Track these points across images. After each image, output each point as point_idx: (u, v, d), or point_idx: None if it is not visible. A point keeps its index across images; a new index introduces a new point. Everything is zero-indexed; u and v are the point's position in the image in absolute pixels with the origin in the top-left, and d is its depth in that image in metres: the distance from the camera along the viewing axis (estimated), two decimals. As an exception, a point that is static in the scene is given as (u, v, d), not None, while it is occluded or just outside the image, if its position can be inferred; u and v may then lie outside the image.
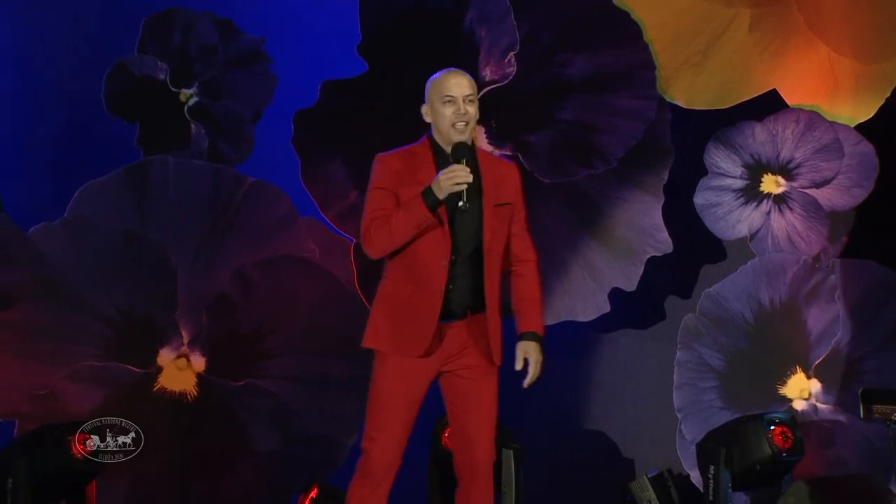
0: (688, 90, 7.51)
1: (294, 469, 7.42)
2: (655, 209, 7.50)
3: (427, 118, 5.07)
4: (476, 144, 5.12)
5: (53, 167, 7.55)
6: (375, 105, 7.50)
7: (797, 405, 7.43)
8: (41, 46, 7.55)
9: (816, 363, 7.42)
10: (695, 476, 7.25)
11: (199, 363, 7.50)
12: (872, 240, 7.45)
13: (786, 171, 7.52)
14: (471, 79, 5.08)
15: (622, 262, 7.54)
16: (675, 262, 7.55)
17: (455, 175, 4.83)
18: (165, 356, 7.48)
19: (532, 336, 5.08)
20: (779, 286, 7.45)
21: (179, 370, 7.48)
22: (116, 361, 7.41)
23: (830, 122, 7.43)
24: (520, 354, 5.07)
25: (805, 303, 7.43)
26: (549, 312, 7.28)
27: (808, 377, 7.44)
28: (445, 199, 4.88)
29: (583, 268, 7.54)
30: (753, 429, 6.82)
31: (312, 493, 7.07)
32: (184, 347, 7.48)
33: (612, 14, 7.47)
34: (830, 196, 7.48)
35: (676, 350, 7.51)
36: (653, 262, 7.51)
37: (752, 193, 7.55)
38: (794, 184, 7.52)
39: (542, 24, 7.52)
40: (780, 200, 7.53)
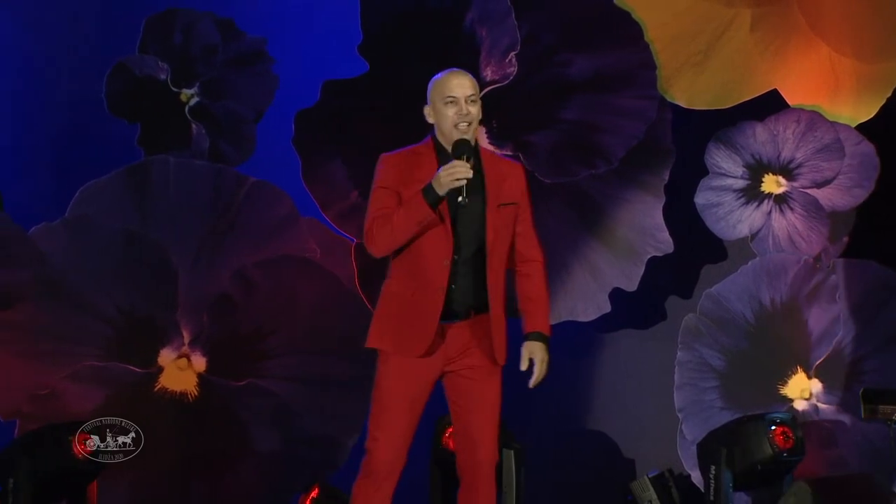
0: (689, 90, 7.50)
1: (295, 469, 7.41)
2: (656, 209, 7.50)
3: (430, 119, 5.07)
4: (479, 144, 5.12)
5: (54, 167, 7.55)
6: (376, 105, 7.50)
7: (798, 405, 7.43)
8: (42, 47, 7.55)
9: (817, 363, 7.41)
10: (696, 476, 7.25)
11: (200, 363, 7.49)
12: (873, 240, 7.45)
13: (787, 171, 7.51)
14: (472, 79, 5.07)
15: (623, 262, 7.53)
16: (676, 262, 7.54)
17: (455, 171, 4.83)
18: (166, 356, 7.48)
19: (537, 336, 5.08)
20: (780, 286, 7.45)
21: (180, 370, 7.48)
22: (117, 361, 7.41)
23: (831, 122, 7.43)
24: (525, 354, 5.06)
25: (806, 303, 7.42)
26: (550, 312, 7.24)
27: (809, 377, 7.43)
28: (447, 196, 4.87)
29: (584, 268, 7.54)
30: (754, 429, 6.82)
31: (313, 494, 7.06)
32: (185, 347, 7.48)
33: (613, 14, 7.47)
34: (831, 196, 7.48)
35: (677, 350, 7.50)
36: (654, 262, 7.50)
37: (753, 193, 7.54)
38: (795, 184, 7.51)
39: (543, 24, 7.51)
40: (781, 200, 7.53)
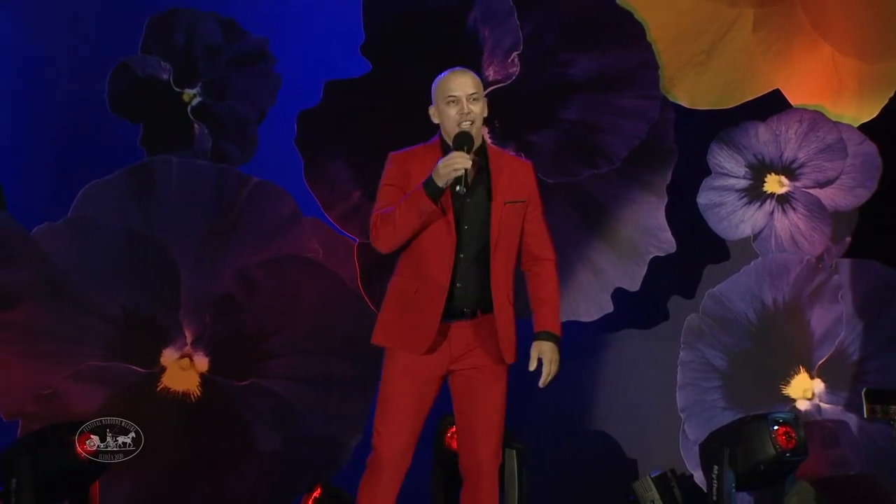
0: (691, 90, 7.50)
1: (298, 469, 7.41)
2: (659, 209, 7.50)
3: (435, 119, 5.08)
4: (487, 142, 5.12)
5: (57, 167, 7.55)
6: (379, 105, 7.50)
7: (801, 405, 7.43)
8: (44, 47, 7.55)
9: (820, 363, 7.41)
10: (698, 476, 7.24)
11: (203, 363, 7.49)
12: (876, 240, 7.44)
13: (789, 171, 7.51)
14: (475, 77, 5.08)
15: (626, 262, 7.53)
16: (679, 262, 7.54)
17: (453, 161, 4.84)
18: (169, 356, 7.48)
19: (546, 336, 5.08)
20: (782, 286, 7.45)
21: (183, 370, 7.48)
22: (120, 361, 7.41)
23: (834, 122, 7.42)
24: (534, 354, 5.06)
25: (808, 303, 7.42)
26: (554, 312, 7.26)
27: (812, 377, 7.43)
28: (451, 192, 4.88)
29: (586, 268, 7.53)
30: (757, 429, 6.82)
31: (316, 493, 7.06)
32: (187, 347, 7.48)
33: (616, 14, 7.47)
34: (834, 196, 7.48)
35: (680, 350, 7.50)
36: (656, 262, 7.50)
37: (756, 193, 7.54)
38: (798, 184, 7.51)
39: (546, 24, 7.51)
40: (784, 200, 7.52)
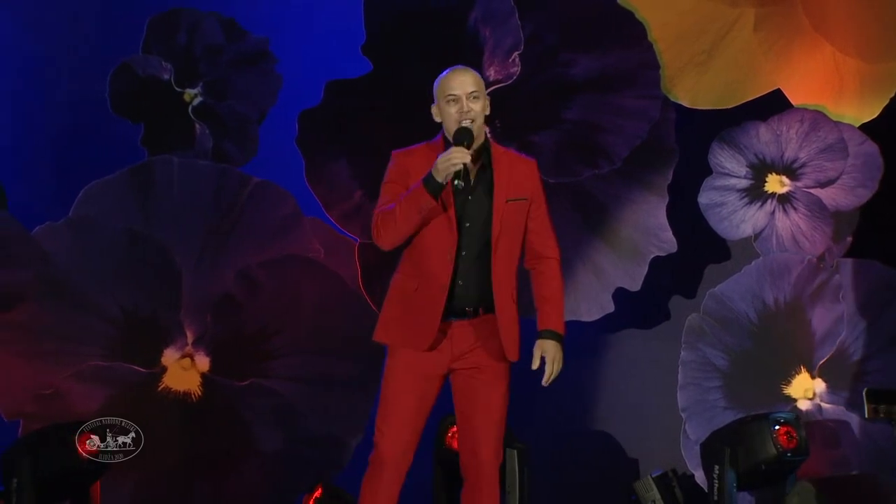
0: (692, 90, 7.50)
1: (299, 469, 7.41)
2: (660, 209, 7.50)
3: (437, 118, 5.08)
4: (491, 140, 5.11)
5: (58, 167, 7.55)
6: (379, 105, 7.50)
7: (802, 405, 7.43)
8: (46, 47, 7.55)
9: (821, 363, 7.41)
10: (699, 476, 7.24)
11: (204, 363, 7.49)
12: (877, 239, 7.45)
13: (790, 171, 7.51)
14: (475, 75, 5.07)
15: (626, 262, 7.53)
16: (680, 262, 7.54)
17: (452, 156, 4.84)
18: (170, 356, 7.48)
19: (549, 334, 5.06)
20: (783, 286, 7.45)
21: (184, 370, 7.48)
22: (121, 361, 7.41)
23: (835, 122, 7.42)
24: (536, 353, 5.05)
25: (809, 302, 7.42)
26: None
27: (813, 377, 7.43)
28: (453, 189, 4.88)
29: (587, 268, 7.53)
30: (758, 428, 6.81)
31: (317, 494, 7.06)
32: (188, 347, 7.48)
33: (617, 14, 7.46)
34: (835, 196, 7.48)
35: (681, 350, 7.50)
36: (657, 262, 7.50)
37: (757, 193, 7.54)
38: (799, 183, 7.51)
39: (547, 24, 7.51)
40: (785, 200, 7.52)
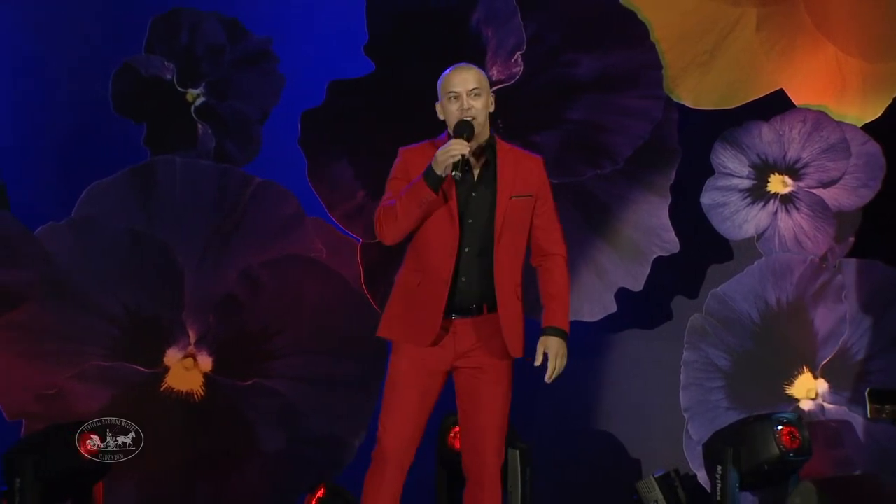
0: (695, 90, 7.49)
1: (301, 469, 7.41)
2: (662, 209, 7.49)
3: (441, 116, 5.09)
4: (496, 137, 5.11)
5: (60, 167, 7.55)
6: (382, 105, 7.50)
7: (804, 405, 7.43)
8: (48, 47, 7.55)
9: (823, 363, 7.41)
10: (702, 476, 7.24)
11: (206, 363, 7.49)
12: (879, 240, 7.44)
13: (793, 171, 7.51)
14: (478, 72, 5.06)
15: (629, 262, 7.53)
16: (682, 262, 7.54)
17: (451, 147, 4.85)
18: (172, 356, 7.48)
19: (553, 331, 5.05)
20: (786, 286, 7.44)
21: (186, 370, 7.48)
22: (123, 361, 7.41)
23: (837, 122, 7.42)
24: (539, 350, 5.05)
25: (812, 303, 7.42)
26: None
27: (815, 377, 7.43)
28: (456, 185, 4.89)
29: (589, 268, 7.53)
30: (761, 429, 6.82)
31: (319, 494, 7.06)
32: (191, 347, 7.48)
33: (619, 14, 7.45)
34: (837, 196, 7.47)
35: (683, 350, 7.50)
36: (659, 262, 7.50)
37: (759, 193, 7.54)
38: (801, 184, 7.51)
39: (549, 24, 7.51)
40: (787, 200, 7.52)
